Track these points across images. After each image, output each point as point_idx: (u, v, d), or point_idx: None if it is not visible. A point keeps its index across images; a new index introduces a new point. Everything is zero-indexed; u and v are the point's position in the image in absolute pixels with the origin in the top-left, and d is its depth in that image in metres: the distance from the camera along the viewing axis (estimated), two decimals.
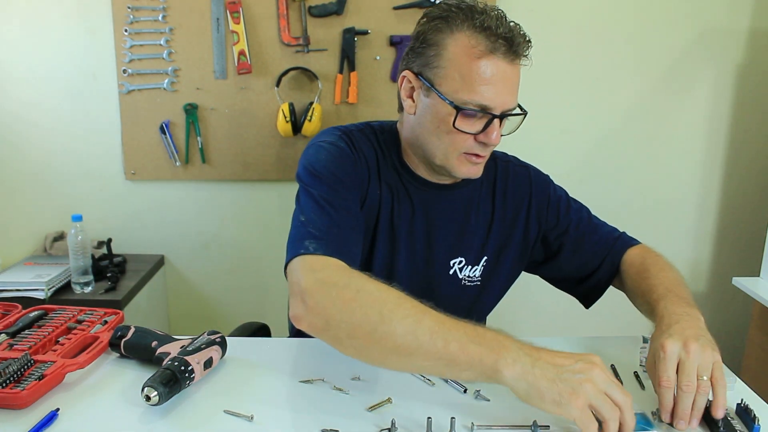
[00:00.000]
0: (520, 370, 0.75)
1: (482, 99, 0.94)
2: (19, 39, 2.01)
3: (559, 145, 2.18)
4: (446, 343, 0.77)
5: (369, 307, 0.81)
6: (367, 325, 0.80)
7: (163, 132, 2.06)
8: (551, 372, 0.75)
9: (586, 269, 1.18)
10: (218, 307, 2.27)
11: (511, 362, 0.76)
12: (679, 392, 0.80)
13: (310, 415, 0.82)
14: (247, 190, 2.16)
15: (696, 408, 0.80)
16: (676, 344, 0.82)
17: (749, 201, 2.27)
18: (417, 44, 1.00)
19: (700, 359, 0.81)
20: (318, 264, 0.87)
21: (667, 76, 2.15)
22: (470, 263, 1.14)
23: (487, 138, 0.97)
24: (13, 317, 1.04)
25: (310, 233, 0.91)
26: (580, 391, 0.73)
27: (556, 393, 0.73)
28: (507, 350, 0.77)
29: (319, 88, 2.05)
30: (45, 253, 2.06)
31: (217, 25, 2.01)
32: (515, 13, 2.05)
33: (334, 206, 0.95)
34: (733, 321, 2.36)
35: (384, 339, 0.79)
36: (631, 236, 1.21)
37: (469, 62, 0.93)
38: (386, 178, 1.08)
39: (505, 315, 1.84)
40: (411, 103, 1.03)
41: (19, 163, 2.10)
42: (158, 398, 0.80)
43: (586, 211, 1.21)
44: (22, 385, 0.83)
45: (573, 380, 0.74)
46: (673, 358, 0.81)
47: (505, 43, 0.93)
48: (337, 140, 1.05)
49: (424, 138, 1.02)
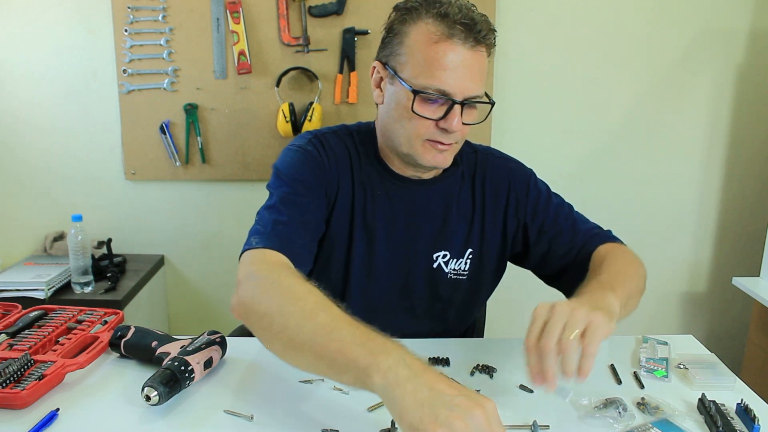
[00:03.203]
0: (392, 380, 0.67)
1: (440, 84, 0.95)
2: (19, 39, 2.01)
3: (559, 145, 2.18)
4: (329, 341, 0.73)
5: (275, 299, 0.82)
6: (268, 317, 0.81)
7: (163, 132, 2.06)
8: (424, 393, 0.65)
9: (563, 263, 1.16)
10: (218, 307, 2.27)
11: (385, 369, 0.68)
12: (539, 352, 0.76)
13: (310, 415, 0.82)
14: (247, 190, 2.16)
15: (565, 368, 0.74)
16: (545, 307, 0.79)
17: (749, 201, 2.27)
18: (385, 35, 1.03)
19: (567, 318, 0.76)
20: (255, 257, 0.92)
21: (668, 76, 2.15)
22: (455, 256, 1.14)
23: (447, 124, 0.97)
24: (13, 317, 1.04)
25: (257, 230, 0.97)
26: (443, 424, 0.61)
27: (417, 416, 0.63)
28: (386, 356, 0.69)
29: (319, 88, 2.05)
30: (45, 253, 2.06)
31: (217, 25, 2.01)
32: (515, 13, 2.08)
33: (288, 205, 1.00)
34: (733, 321, 2.37)
35: (281, 332, 0.79)
36: (613, 235, 1.17)
37: (427, 47, 0.95)
38: (361, 177, 1.09)
39: (504, 313, 1.85)
40: (379, 92, 1.05)
41: (19, 163, 2.11)
42: (158, 398, 0.80)
43: (567, 207, 1.19)
44: (22, 385, 0.83)
45: (443, 411, 0.62)
46: (538, 320, 0.78)
47: (464, 28, 0.94)
48: (306, 144, 1.08)
49: (390, 126, 1.04)
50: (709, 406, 0.84)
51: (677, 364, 0.99)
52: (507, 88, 2.10)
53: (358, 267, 1.10)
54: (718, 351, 1.11)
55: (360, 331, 0.74)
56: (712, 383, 0.93)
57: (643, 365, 0.98)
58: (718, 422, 0.80)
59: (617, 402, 0.85)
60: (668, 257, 2.30)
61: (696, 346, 1.08)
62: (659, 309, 2.35)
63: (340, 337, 0.73)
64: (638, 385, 0.93)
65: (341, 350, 0.72)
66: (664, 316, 2.37)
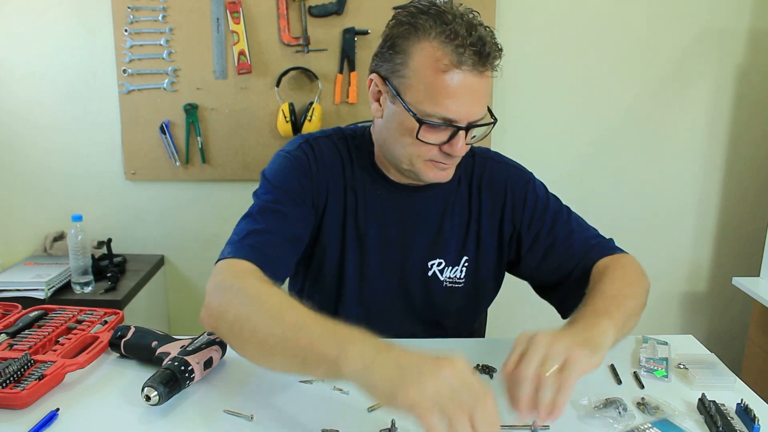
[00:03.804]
0: (360, 365, 0.69)
1: (446, 112, 0.92)
2: (19, 39, 2.01)
3: (559, 145, 2.18)
4: (298, 339, 0.75)
5: (243, 305, 0.83)
6: (238, 324, 0.82)
7: (163, 132, 2.06)
8: (391, 367, 0.68)
9: (558, 275, 1.10)
10: None
11: (353, 357, 0.70)
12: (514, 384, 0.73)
13: (310, 415, 0.82)
14: (247, 190, 2.12)
15: (540, 403, 0.71)
16: (525, 336, 0.77)
17: (749, 201, 2.27)
18: (385, 48, 0.97)
19: (545, 351, 0.73)
20: (224, 267, 0.92)
21: (668, 76, 2.15)
22: (450, 264, 1.11)
23: (451, 149, 0.95)
24: (13, 317, 1.04)
25: (231, 239, 0.97)
26: (415, 383, 0.65)
27: (390, 386, 0.66)
28: (353, 344, 0.71)
29: (319, 88, 2.05)
30: (45, 253, 2.06)
31: (217, 25, 2.01)
32: (515, 13, 2.08)
33: (266, 213, 1.00)
34: (733, 321, 2.37)
35: (251, 336, 0.80)
36: (614, 244, 1.11)
37: (434, 75, 0.90)
38: (354, 183, 1.08)
39: (505, 315, 1.85)
40: (378, 106, 1.01)
41: (19, 163, 2.11)
42: (158, 398, 0.80)
43: (565, 214, 1.12)
44: (22, 385, 0.83)
45: (412, 375, 0.66)
46: (516, 349, 0.76)
47: (473, 55, 0.89)
48: (296, 149, 1.07)
49: (390, 143, 1.01)
50: (709, 406, 0.84)
51: (677, 364, 0.99)
52: (507, 88, 2.10)
53: (351, 274, 1.09)
54: (718, 351, 1.11)
55: (327, 325, 0.76)
56: (712, 383, 0.92)
57: (643, 365, 0.98)
58: (718, 422, 0.80)
59: (617, 402, 0.85)
60: (668, 257, 2.30)
61: (696, 346, 1.08)
62: (659, 309, 2.35)
63: (309, 333, 0.75)
64: (638, 385, 0.93)
65: (311, 346, 0.74)
66: (664, 316, 2.37)
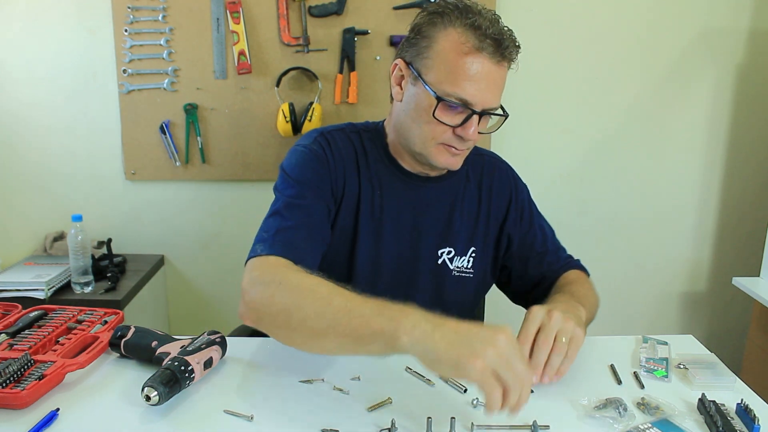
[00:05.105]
0: (419, 335, 0.74)
1: (464, 93, 0.97)
2: (19, 39, 2.01)
3: (559, 145, 2.18)
4: (350, 319, 0.79)
5: (286, 297, 0.86)
6: (284, 314, 0.85)
7: (163, 132, 2.06)
8: (451, 336, 0.74)
9: (526, 285, 1.23)
10: (218, 307, 2.27)
11: (410, 328, 0.75)
12: (535, 347, 0.86)
13: (310, 415, 0.82)
14: (247, 190, 2.16)
15: (549, 365, 0.86)
16: (542, 310, 0.88)
17: (749, 201, 2.27)
18: (412, 35, 1.04)
19: (561, 325, 0.87)
20: (259, 264, 0.94)
21: (668, 76, 2.15)
22: (459, 253, 1.17)
23: (464, 132, 1.01)
24: (13, 317, 1.04)
25: (262, 237, 1.00)
26: (480, 354, 0.71)
27: (455, 355, 0.72)
28: (407, 317, 0.77)
29: (319, 88, 2.05)
30: (45, 253, 2.06)
31: (217, 25, 2.01)
32: (515, 13, 2.08)
33: (293, 209, 1.03)
34: (733, 321, 2.36)
35: (300, 325, 0.84)
36: (582, 264, 1.25)
37: (456, 57, 0.97)
38: (368, 174, 1.12)
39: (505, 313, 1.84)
40: (399, 90, 1.07)
41: (20, 163, 2.10)
42: (158, 398, 0.80)
43: (549, 231, 1.25)
44: (22, 385, 0.83)
45: (474, 344, 0.72)
46: (535, 320, 0.87)
47: (493, 43, 0.96)
48: (312, 143, 1.10)
49: (406, 125, 1.06)
50: (709, 406, 0.84)
51: (677, 364, 0.99)
52: (507, 87, 2.09)
53: (364, 262, 1.12)
54: (718, 351, 1.11)
55: (376, 303, 0.80)
56: (712, 383, 0.93)
57: (643, 365, 0.98)
58: (718, 422, 0.80)
59: (617, 402, 0.85)
60: (668, 257, 2.30)
61: (696, 346, 1.08)
62: (659, 309, 2.35)
63: (360, 313, 0.79)
64: (638, 385, 0.93)
65: (365, 324, 0.78)
66: (664, 316, 2.37)
